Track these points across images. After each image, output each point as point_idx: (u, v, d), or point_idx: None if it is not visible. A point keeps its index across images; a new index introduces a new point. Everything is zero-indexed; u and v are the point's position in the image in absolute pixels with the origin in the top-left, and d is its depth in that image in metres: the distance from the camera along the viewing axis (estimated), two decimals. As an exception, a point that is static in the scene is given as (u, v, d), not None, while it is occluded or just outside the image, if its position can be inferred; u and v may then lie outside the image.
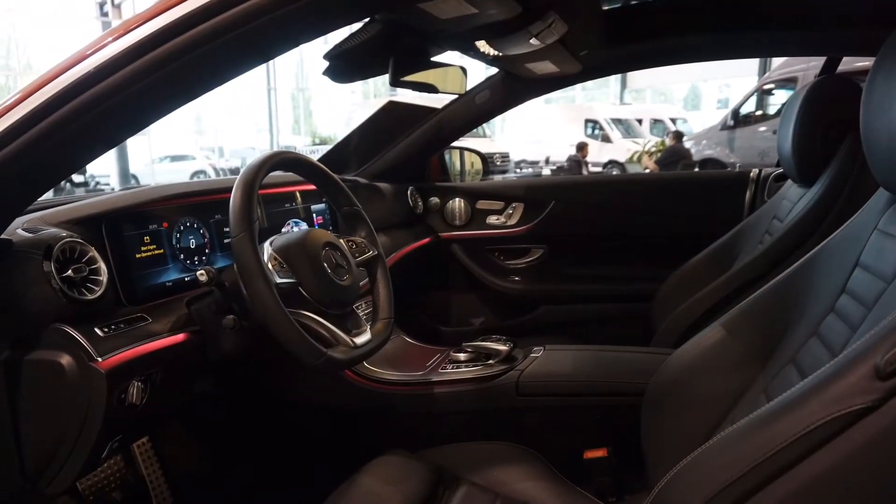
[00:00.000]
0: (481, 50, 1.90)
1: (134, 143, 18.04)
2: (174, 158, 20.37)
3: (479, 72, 2.51)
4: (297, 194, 2.01)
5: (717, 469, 0.83)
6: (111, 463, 1.80)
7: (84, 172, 13.48)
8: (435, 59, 2.00)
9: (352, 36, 1.68)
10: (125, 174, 15.02)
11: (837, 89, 2.02)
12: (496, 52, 1.92)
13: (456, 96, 2.52)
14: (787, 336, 1.25)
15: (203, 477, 2.05)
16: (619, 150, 17.71)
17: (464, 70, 2.13)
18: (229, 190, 1.31)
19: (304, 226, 1.99)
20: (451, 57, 2.04)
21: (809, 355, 1.15)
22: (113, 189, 14.36)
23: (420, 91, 1.99)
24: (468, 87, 2.39)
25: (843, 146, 1.94)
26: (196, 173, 19.25)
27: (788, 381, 1.14)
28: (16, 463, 1.18)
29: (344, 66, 1.81)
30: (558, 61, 2.13)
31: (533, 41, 1.78)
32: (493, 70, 2.48)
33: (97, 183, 14.84)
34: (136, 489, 1.86)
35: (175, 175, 18.65)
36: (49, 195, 1.38)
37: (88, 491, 1.71)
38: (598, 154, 17.22)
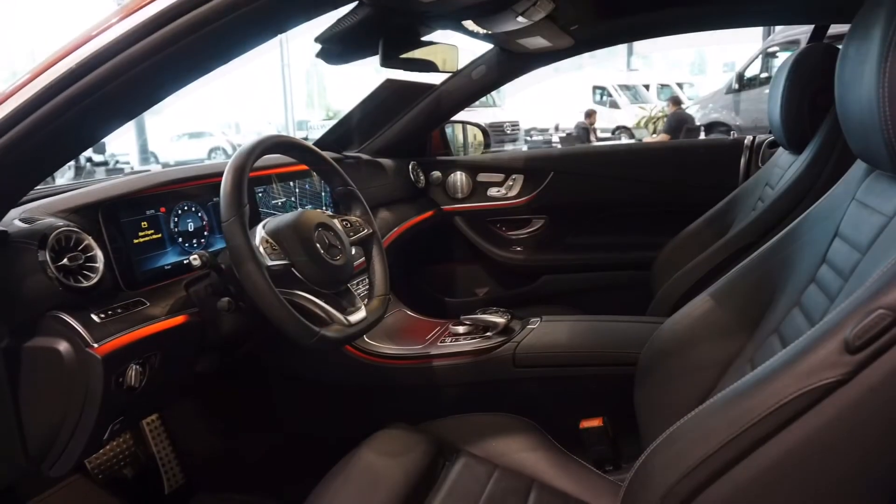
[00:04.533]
0: (470, 28, 1.92)
1: (152, 122, 18.06)
2: (192, 135, 20.42)
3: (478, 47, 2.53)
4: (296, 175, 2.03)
5: (693, 444, 0.84)
6: (120, 441, 1.84)
7: (104, 151, 13.47)
8: (428, 37, 2.02)
9: (341, 19, 1.69)
10: (144, 152, 15.03)
11: (825, 57, 2.03)
12: (485, 31, 1.93)
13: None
14: (772, 306, 1.27)
15: (211, 453, 2.10)
16: (627, 115, 17.59)
17: (455, 48, 2.14)
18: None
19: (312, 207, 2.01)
20: (446, 33, 2.05)
21: (792, 325, 1.17)
22: (132, 167, 14.42)
23: (411, 71, 2.01)
24: (467, 61, 2.41)
25: (831, 114, 1.95)
26: (213, 149, 19.31)
27: (771, 351, 1.15)
28: (19, 446, 1.21)
29: (336, 48, 1.82)
30: (549, 36, 2.14)
31: (520, 19, 1.79)
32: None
33: (117, 161, 14.83)
34: (146, 466, 1.90)
35: (193, 152, 18.71)
36: (65, 179, 1.40)
37: (98, 469, 1.75)
38: (607, 120, 17.11)
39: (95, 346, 1.20)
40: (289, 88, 22.61)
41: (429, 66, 2.05)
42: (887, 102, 0.89)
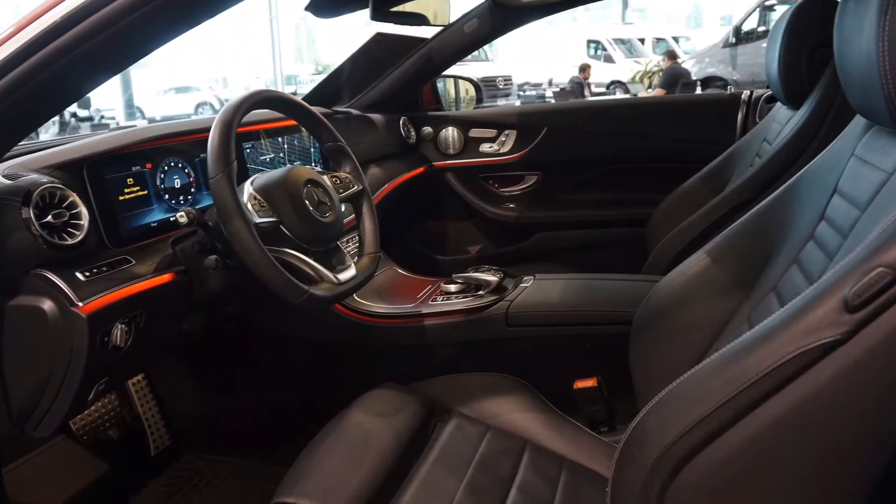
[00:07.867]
0: (462, -20, 1.88)
1: (138, 76, 17.91)
2: (179, 90, 20.28)
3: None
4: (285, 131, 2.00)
5: (690, 404, 0.82)
6: (105, 402, 1.83)
7: (89, 107, 13.34)
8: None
9: (331, -30, 1.66)
10: (130, 106, 14.86)
11: (824, 10, 1.98)
12: (477, -18, 1.90)
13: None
14: (769, 264, 1.25)
15: (198, 414, 2.10)
16: (623, 70, 17.54)
17: (447, 1, 2.10)
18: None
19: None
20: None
21: (790, 284, 1.15)
22: (118, 123, 14.28)
23: (402, 24, 1.97)
24: (458, 14, 2.37)
25: (829, 68, 1.92)
26: (200, 104, 19.18)
27: (769, 310, 1.12)
28: (2, 406, 1.20)
29: (325, 1, 1.79)
30: (543, -12, 2.11)
31: (513, -30, 1.76)
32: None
33: (102, 117, 14.69)
34: (132, 427, 1.89)
35: (179, 106, 18.58)
36: (49, 134, 1.37)
37: (83, 430, 1.75)
38: (602, 74, 17.03)
39: (80, 304, 1.18)
40: (277, 42, 22.46)
41: (420, 20, 2.02)
42: (887, 57, 0.86)
